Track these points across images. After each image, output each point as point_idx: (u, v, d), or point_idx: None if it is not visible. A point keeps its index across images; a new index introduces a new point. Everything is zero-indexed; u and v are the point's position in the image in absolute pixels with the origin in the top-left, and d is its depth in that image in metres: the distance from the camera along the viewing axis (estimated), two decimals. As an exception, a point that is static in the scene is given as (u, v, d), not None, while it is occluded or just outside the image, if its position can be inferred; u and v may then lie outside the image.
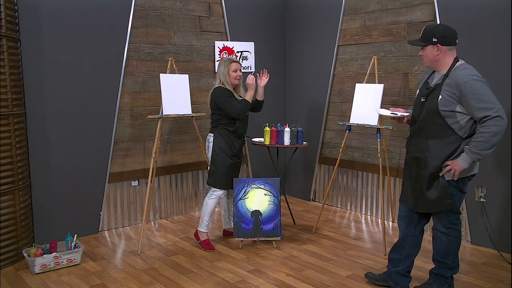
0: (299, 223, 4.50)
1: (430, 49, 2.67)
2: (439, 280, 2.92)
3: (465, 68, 2.61)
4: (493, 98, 2.51)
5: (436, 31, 2.64)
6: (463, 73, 2.57)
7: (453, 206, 2.72)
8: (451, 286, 2.93)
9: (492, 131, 2.48)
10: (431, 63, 2.73)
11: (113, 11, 4.09)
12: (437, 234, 2.88)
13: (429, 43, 2.66)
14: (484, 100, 2.49)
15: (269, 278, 3.22)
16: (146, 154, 4.44)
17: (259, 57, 5.05)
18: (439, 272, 2.92)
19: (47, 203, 3.86)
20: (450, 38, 2.63)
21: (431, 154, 2.71)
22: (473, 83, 2.52)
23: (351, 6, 4.67)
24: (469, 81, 2.52)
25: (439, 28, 2.66)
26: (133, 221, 4.44)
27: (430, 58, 2.69)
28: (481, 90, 2.51)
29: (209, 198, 3.76)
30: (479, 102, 2.50)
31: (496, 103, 2.49)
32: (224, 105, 3.61)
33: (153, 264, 3.51)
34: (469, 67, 2.64)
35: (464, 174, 2.67)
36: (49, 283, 3.18)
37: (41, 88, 3.77)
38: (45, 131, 3.82)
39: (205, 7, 4.73)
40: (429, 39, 2.65)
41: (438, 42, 2.62)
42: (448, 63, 2.67)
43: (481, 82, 2.54)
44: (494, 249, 3.68)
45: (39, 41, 3.72)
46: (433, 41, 2.63)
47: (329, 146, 5.04)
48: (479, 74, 2.57)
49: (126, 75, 4.25)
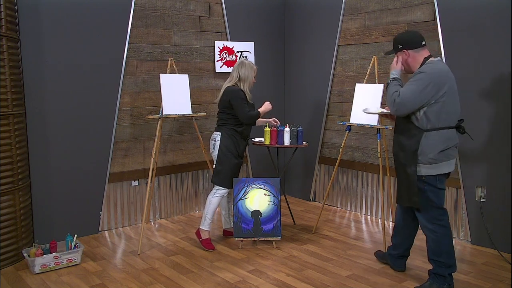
0: (299, 223, 4.50)
1: (401, 55, 2.94)
2: (438, 280, 2.94)
3: (434, 65, 2.80)
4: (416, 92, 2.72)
5: (400, 38, 2.93)
6: (423, 66, 2.82)
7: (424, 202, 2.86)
8: (451, 285, 2.95)
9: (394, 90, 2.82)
10: (406, 68, 2.97)
11: (113, 11, 4.09)
12: (425, 232, 2.97)
13: (397, 50, 2.94)
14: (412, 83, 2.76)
15: (269, 278, 3.22)
16: (146, 154, 4.44)
17: (259, 57, 5.05)
18: (437, 272, 2.95)
19: (47, 203, 3.86)
20: (413, 42, 2.88)
21: (400, 148, 2.90)
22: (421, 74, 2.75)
23: (351, 6, 4.67)
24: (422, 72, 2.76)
25: (402, 36, 2.94)
26: (133, 221, 4.44)
27: (403, 63, 2.95)
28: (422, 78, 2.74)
29: (213, 196, 3.76)
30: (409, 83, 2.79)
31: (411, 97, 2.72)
32: (237, 107, 3.63)
33: (153, 264, 3.51)
34: (435, 62, 2.83)
35: (432, 172, 2.81)
36: (49, 283, 3.18)
37: (41, 88, 3.77)
38: (45, 131, 3.82)
39: (205, 7, 4.73)
40: (396, 47, 2.94)
41: (403, 48, 2.89)
42: (419, 63, 2.88)
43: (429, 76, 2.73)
44: (494, 249, 3.68)
45: (39, 41, 3.72)
46: (399, 47, 2.91)
47: (329, 146, 5.04)
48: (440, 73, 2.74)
49: (126, 75, 4.25)
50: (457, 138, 2.88)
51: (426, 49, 2.91)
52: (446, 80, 2.75)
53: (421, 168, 2.82)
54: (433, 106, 2.75)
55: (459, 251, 3.73)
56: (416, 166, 2.81)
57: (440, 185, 2.86)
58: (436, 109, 2.75)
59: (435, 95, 2.73)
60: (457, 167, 3.89)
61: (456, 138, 2.87)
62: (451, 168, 2.88)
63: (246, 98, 3.70)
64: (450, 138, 2.81)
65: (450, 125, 2.81)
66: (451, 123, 2.81)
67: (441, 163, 2.80)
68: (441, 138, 2.77)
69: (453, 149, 2.85)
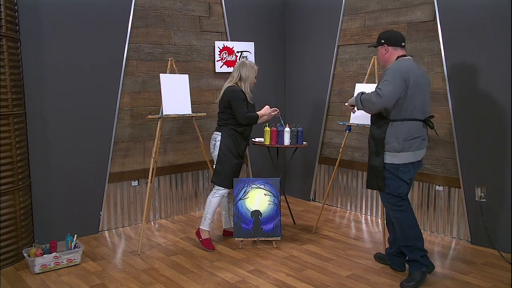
0: (299, 223, 4.50)
1: (380, 49, 3.16)
2: (415, 265, 3.08)
3: (400, 61, 3.03)
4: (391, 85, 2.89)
5: (384, 34, 3.16)
6: (391, 64, 3.04)
7: (386, 189, 3.06)
8: (429, 266, 3.09)
9: (370, 100, 2.97)
10: (382, 62, 3.21)
11: (113, 11, 4.09)
12: (390, 220, 3.24)
13: (379, 44, 3.16)
14: (386, 79, 2.93)
15: (269, 278, 3.22)
16: (146, 154, 4.44)
17: (259, 57, 5.05)
18: (410, 258, 3.12)
19: (47, 203, 3.86)
20: (394, 40, 3.11)
21: (372, 138, 3.11)
22: (388, 70, 2.99)
23: (351, 6, 4.67)
24: (388, 68, 3.00)
25: (387, 33, 3.17)
26: (133, 221, 4.44)
27: (381, 57, 3.19)
28: (390, 73, 2.95)
29: (213, 196, 3.76)
30: (381, 80, 2.97)
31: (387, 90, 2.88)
32: (236, 107, 3.64)
33: (153, 264, 3.51)
34: (405, 61, 3.03)
35: (395, 160, 3.01)
36: (49, 283, 3.18)
37: (41, 88, 3.77)
38: (45, 131, 3.82)
39: (205, 7, 4.73)
40: (379, 41, 3.16)
41: (385, 43, 3.12)
42: (393, 60, 3.11)
43: (394, 71, 2.94)
44: (494, 249, 3.68)
45: (39, 41, 3.72)
46: (381, 42, 3.14)
47: (329, 146, 5.04)
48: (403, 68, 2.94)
49: (126, 75, 4.25)
50: (423, 132, 3.04)
51: (404, 50, 3.13)
52: (410, 75, 2.93)
53: (386, 156, 3.03)
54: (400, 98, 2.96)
55: (459, 251, 3.73)
56: (383, 154, 3.04)
57: (402, 175, 3.03)
58: (401, 101, 2.95)
59: (404, 87, 2.93)
60: (457, 167, 3.89)
61: (422, 131, 3.03)
62: (416, 159, 3.04)
63: (246, 99, 3.70)
64: (413, 129, 2.98)
65: (415, 117, 2.99)
66: (417, 116, 2.99)
67: (403, 152, 2.98)
68: (405, 128, 2.97)
69: (417, 140, 3.01)
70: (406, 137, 2.97)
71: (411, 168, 3.05)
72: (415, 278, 3.04)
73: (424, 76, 3.09)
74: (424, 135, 3.06)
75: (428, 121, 3.06)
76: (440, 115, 3.99)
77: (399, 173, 3.03)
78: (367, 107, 3.05)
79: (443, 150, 4.01)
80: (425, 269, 3.06)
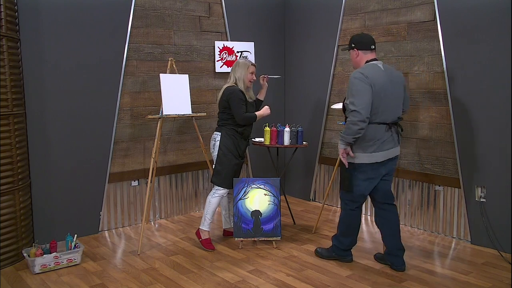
0: (299, 223, 4.50)
1: (352, 53, 3.26)
2: (333, 247, 3.51)
3: (364, 67, 3.13)
4: (360, 96, 3.00)
5: (354, 38, 3.25)
6: (355, 70, 3.12)
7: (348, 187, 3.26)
8: (341, 257, 3.47)
9: (350, 121, 3.03)
10: (354, 65, 3.30)
11: (113, 11, 4.09)
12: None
13: (350, 48, 3.27)
14: (353, 95, 3.03)
15: (269, 278, 3.22)
16: (146, 154, 4.44)
17: (259, 57, 5.05)
18: (333, 238, 3.53)
19: (47, 203, 3.86)
20: (364, 44, 3.19)
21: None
22: (352, 79, 3.07)
23: (351, 6, 4.67)
24: (351, 77, 3.08)
25: (357, 36, 3.26)
26: (133, 221, 4.44)
27: (352, 60, 3.29)
28: (354, 86, 3.04)
29: (212, 196, 3.76)
30: (350, 96, 3.06)
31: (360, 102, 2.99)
32: (234, 107, 3.64)
33: (153, 264, 3.51)
34: (369, 66, 3.12)
35: (351, 160, 3.17)
36: (49, 283, 3.18)
37: (41, 88, 3.77)
38: (45, 131, 3.82)
39: (205, 7, 4.73)
40: (350, 45, 3.26)
41: (355, 47, 3.22)
42: (363, 63, 3.20)
43: (358, 80, 3.03)
44: (494, 249, 3.68)
45: (39, 41, 3.72)
46: (352, 46, 3.24)
47: (329, 146, 5.04)
48: (366, 74, 3.03)
49: (126, 75, 4.25)
50: (384, 135, 3.13)
51: (373, 53, 3.22)
52: (373, 81, 3.03)
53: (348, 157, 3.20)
54: None
55: (459, 251, 3.73)
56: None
57: (358, 174, 3.19)
58: None
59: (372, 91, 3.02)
60: (457, 167, 3.89)
61: (382, 134, 3.12)
62: (374, 160, 3.13)
63: (245, 99, 3.70)
64: (371, 133, 3.09)
65: (375, 121, 3.09)
66: (377, 119, 3.09)
67: (358, 153, 3.14)
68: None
69: (376, 143, 3.11)
70: (362, 139, 3.10)
71: (370, 169, 3.17)
72: (323, 254, 3.56)
73: (396, 78, 3.17)
74: (387, 138, 3.14)
75: (393, 125, 3.17)
76: (440, 115, 3.99)
77: (355, 172, 3.20)
78: (352, 133, 3.04)
79: (443, 150, 4.01)
80: (336, 256, 3.49)
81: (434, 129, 4.05)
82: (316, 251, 3.63)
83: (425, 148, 4.14)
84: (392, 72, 3.20)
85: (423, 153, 4.16)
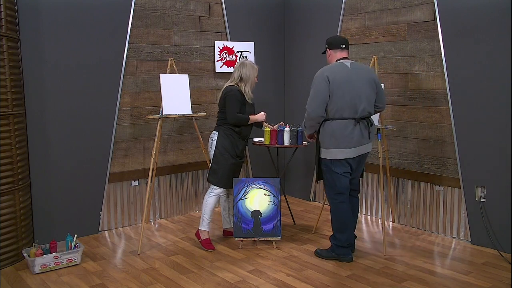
0: (299, 223, 4.50)
1: (327, 53, 3.49)
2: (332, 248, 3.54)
3: (329, 65, 3.36)
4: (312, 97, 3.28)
5: (327, 40, 3.50)
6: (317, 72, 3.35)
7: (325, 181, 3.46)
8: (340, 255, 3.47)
9: (304, 117, 3.38)
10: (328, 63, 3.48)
11: (113, 11, 4.09)
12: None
13: (325, 49, 3.51)
14: (310, 95, 3.31)
15: (269, 278, 3.22)
16: (146, 154, 4.44)
17: (259, 57, 5.05)
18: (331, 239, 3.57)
19: (47, 203, 3.86)
20: (334, 44, 3.43)
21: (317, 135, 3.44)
22: (314, 78, 3.31)
23: (351, 6, 4.67)
24: (316, 74, 3.31)
25: (330, 38, 3.51)
26: (133, 221, 4.44)
27: (327, 59, 3.50)
28: (312, 86, 3.31)
29: (209, 196, 3.76)
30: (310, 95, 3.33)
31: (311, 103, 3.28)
32: (228, 106, 3.64)
33: (153, 264, 3.51)
34: (334, 64, 3.34)
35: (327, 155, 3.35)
36: (49, 283, 3.18)
37: (41, 88, 3.77)
38: (45, 131, 3.82)
39: (205, 7, 4.73)
40: (325, 46, 3.52)
41: (328, 47, 3.48)
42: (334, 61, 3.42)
43: (316, 78, 3.29)
44: (494, 249, 3.68)
45: (39, 41, 3.72)
46: (326, 47, 3.50)
47: (329, 146, 5.03)
48: (324, 72, 3.25)
49: (126, 75, 4.25)
50: (353, 130, 3.25)
51: (343, 52, 3.42)
52: (332, 77, 3.22)
53: (321, 151, 3.39)
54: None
55: (459, 251, 3.73)
56: (320, 150, 3.40)
57: (335, 168, 3.35)
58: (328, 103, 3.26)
59: (329, 89, 3.22)
60: (457, 167, 3.89)
61: (351, 130, 3.25)
62: (346, 156, 3.29)
63: (243, 99, 3.69)
64: (339, 128, 3.26)
65: (342, 117, 3.25)
66: (345, 115, 3.24)
67: (331, 149, 3.30)
68: (329, 127, 3.29)
69: (346, 139, 3.26)
70: (332, 135, 3.28)
71: (344, 163, 3.34)
72: (322, 254, 3.57)
73: (365, 75, 3.30)
74: (356, 133, 3.27)
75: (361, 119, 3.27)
76: (440, 115, 3.99)
77: (332, 166, 3.36)
78: (309, 128, 3.40)
79: (443, 150, 4.01)
80: (335, 256, 3.50)
81: (434, 129, 4.05)
82: (316, 252, 3.63)
83: (425, 148, 4.14)
84: (359, 70, 3.33)
85: (423, 153, 4.16)
